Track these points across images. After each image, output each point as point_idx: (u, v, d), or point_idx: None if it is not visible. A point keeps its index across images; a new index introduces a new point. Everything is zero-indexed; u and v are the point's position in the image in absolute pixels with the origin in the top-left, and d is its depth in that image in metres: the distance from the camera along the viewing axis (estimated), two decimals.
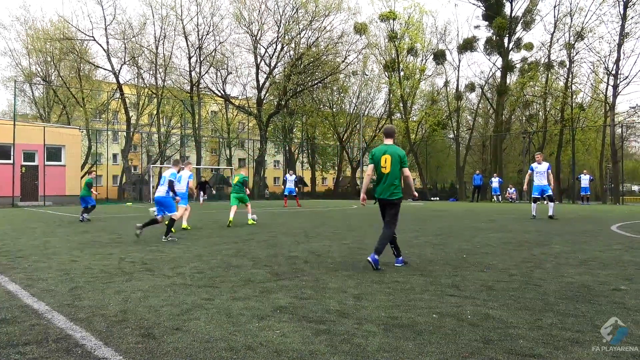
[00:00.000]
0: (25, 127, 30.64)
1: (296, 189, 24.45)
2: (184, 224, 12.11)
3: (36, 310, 4.26)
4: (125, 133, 42.77)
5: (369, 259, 6.25)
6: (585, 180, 27.47)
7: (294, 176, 24.71)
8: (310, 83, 43.41)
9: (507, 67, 41.00)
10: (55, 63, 40.55)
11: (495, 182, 31.78)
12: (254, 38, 41.58)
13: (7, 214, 19.50)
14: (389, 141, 6.62)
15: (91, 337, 3.53)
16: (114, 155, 54.54)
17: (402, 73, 43.99)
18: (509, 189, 34.89)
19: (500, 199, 31.96)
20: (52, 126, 33.39)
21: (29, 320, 3.97)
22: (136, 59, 40.49)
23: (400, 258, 6.62)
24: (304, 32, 42.20)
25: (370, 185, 7.06)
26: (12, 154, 28.68)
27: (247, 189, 14.05)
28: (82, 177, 31.94)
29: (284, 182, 25.63)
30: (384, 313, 4.13)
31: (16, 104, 34.91)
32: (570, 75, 38.82)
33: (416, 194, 7.07)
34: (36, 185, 29.76)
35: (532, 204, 15.34)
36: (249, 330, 3.65)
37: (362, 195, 6.80)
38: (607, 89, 36.97)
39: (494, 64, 42.80)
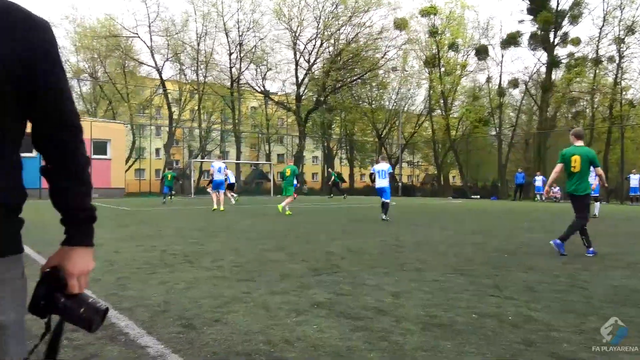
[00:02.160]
0: None
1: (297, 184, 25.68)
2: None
3: None
4: (167, 128, 43.75)
5: (552, 242, 7.02)
6: (634, 179, 26.48)
7: None
8: (349, 79, 43.31)
9: (553, 63, 39.80)
10: (101, 60, 41.87)
11: (538, 180, 30.96)
12: (293, 34, 41.83)
13: None
14: (579, 143, 7.39)
15: (134, 325, 3.64)
16: (157, 150, 55.90)
17: (442, 69, 43.34)
18: (552, 187, 33.89)
19: (543, 198, 31.10)
20: (99, 121, 34.44)
21: None
22: (178, 55, 41.41)
23: (591, 249, 7.11)
24: (343, 28, 42.19)
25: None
26: None
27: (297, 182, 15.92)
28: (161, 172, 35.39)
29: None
30: (422, 311, 4.09)
31: None
32: (620, 71, 37.34)
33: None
34: None
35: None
36: (287, 325, 3.69)
37: (546, 187, 8.46)
38: None
39: (539, 60, 41.92)
